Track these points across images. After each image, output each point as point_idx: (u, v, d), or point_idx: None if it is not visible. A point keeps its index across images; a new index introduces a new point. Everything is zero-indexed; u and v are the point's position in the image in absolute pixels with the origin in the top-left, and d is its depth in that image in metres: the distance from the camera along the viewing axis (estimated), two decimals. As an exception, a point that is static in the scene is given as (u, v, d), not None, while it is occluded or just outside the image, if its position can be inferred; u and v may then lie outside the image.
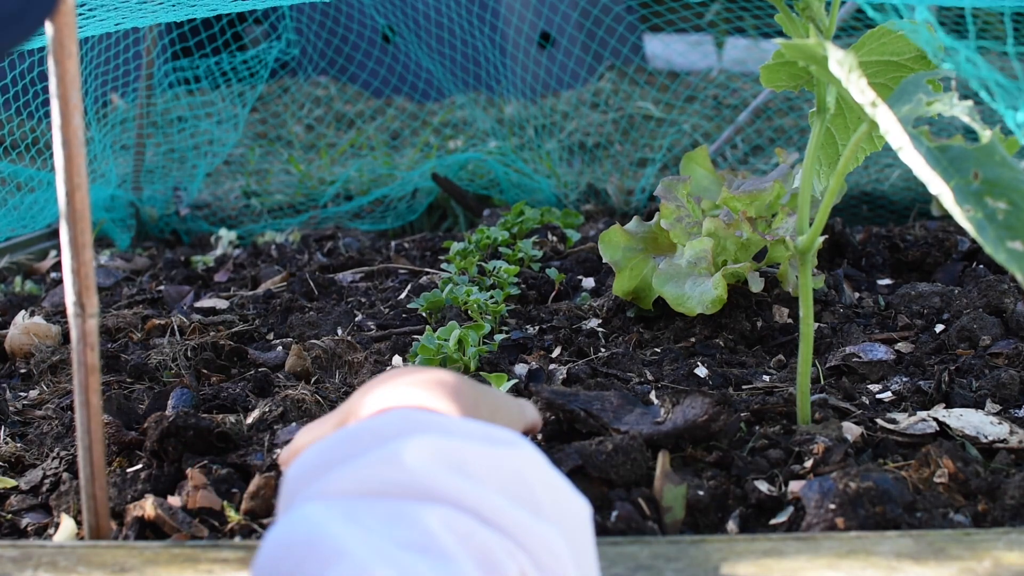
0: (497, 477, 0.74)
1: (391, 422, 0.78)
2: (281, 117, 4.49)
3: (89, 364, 1.01)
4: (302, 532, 0.66)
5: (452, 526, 0.68)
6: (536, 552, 0.70)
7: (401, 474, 0.71)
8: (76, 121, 0.93)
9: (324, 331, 1.81)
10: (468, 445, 0.75)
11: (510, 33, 4.62)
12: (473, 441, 0.76)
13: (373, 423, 0.78)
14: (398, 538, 0.65)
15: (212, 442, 1.28)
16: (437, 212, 3.23)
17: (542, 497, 0.75)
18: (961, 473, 1.13)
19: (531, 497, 0.74)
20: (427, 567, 0.64)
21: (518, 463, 0.76)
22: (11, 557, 0.96)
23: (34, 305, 2.12)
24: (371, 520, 0.67)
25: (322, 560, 0.63)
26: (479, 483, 0.72)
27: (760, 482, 1.15)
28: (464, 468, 0.73)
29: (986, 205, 0.87)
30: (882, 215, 2.99)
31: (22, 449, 1.38)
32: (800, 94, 3.54)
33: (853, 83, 0.97)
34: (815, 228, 1.22)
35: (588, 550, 0.78)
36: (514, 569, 0.67)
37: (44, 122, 2.71)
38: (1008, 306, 1.68)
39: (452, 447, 0.74)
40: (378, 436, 0.76)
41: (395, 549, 0.64)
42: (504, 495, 0.73)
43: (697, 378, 1.49)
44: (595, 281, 2.02)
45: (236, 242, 2.92)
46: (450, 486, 0.71)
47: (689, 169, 1.84)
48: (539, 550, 0.70)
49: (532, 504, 0.74)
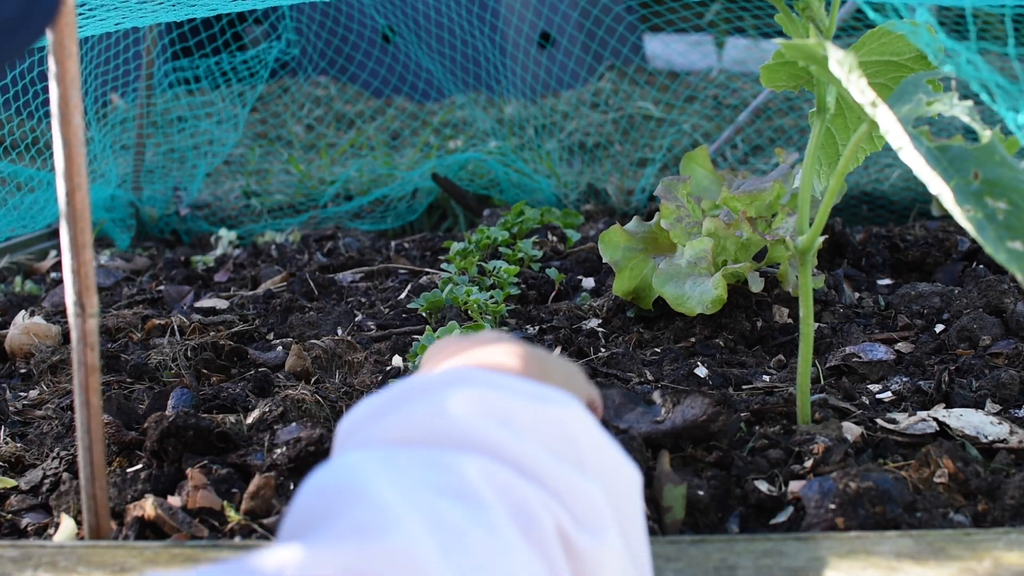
0: (541, 432, 0.73)
1: (443, 376, 0.78)
2: (281, 117, 4.49)
3: (89, 364, 1.01)
4: (336, 475, 0.66)
5: (489, 475, 0.67)
6: (575, 506, 0.69)
7: (444, 422, 0.71)
8: (76, 121, 0.93)
9: (324, 331, 1.81)
10: (515, 399, 0.75)
11: (510, 33, 4.62)
12: (520, 396, 0.76)
13: (426, 377, 0.78)
14: (432, 483, 0.65)
15: (212, 442, 1.28)
16: (437, 212, 3.23)
17: (588, 456, 0.74)
18: (961, 473, 1.13)
19: (575, 455, 0.74)
20: (459, 512, 0.63)
21: (565, 420, 0.75)
22: (11, 557, 0.96)
23: (34, 305, 2.12)
24: (408, 465, 0.67)
25: (347, 499, 0.63)
26: (521, 435, 0.72)
27: (760, 482, 1.15)
28: (508, 420, 0.73)
29: (986, 205, 0.87)
30: (882, 215, 2.99)
31: (22, 449, 1.38)
32: (800, 94, 3.54)
33: (853, 83, 0.97)
34: (815, 228, 1.22)
35: (636, 518, 0.77)
36: (550, 522, 0.67)
37: (44, 122, 2.71)
38: (1008, 306, 1.68)
39: (498, 399, 0.74)
40: (428, 389, 0.76)
41: (427, 493, 0.64)
42: (547, 450, 0.72)
43: (697, 378, 1.49)
44: (595, 281, 2.02)
45: (236, 242, 2.92)
46: (492, 436, 0.70)
47: (689, 169, 1.84)
48: (578, 504, 0.69)
49: (576, 462, 0.73)
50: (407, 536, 0.59)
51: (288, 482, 1.18)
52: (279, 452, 1.24)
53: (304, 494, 0.66)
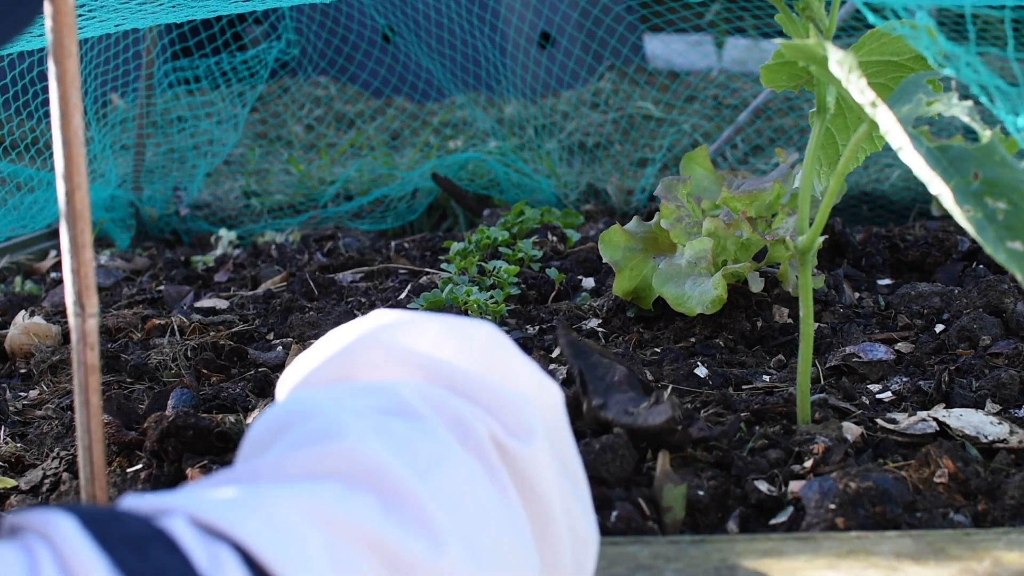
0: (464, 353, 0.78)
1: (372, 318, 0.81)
2: (281, 117, 4.49)
3: (89, 364, 1.01)
4: (286, 404, 0.71)
5: (424, 394, 0.72)
6: (503, 415, 0.73)
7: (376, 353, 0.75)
8: (76, 121, 0.93)
9: (324, 331, 1.80)
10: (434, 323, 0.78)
11: (510, 33, 4.62)
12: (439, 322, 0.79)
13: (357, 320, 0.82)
14: (373, 404, 0.70)
15: (212, 442, 1.28)
16: (437, 212, 3.23)
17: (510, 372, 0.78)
18: (961, 473, 1.13)
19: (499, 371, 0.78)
20: (401, 424, 0.68)
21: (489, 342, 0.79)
22: (11, 557, 0.96)
23: (34, 305, 2.12)
24: (348, 394, 0.71)
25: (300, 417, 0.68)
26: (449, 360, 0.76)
27: (760, 482, 1.15)
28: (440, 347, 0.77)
29: (986, 205, 0.87)
30: (882, 215, 2.99)
31: (22, 449, 1.38)
32: (800, 94, 3.54)
33: (853, 83, 0.97)
34: (815, 228, 1.22)
35: (562, 432, 0.80)
36: (483, 431, 0.71)
37: (44, 122, 2.71)
38: (1008, 306, 1.68)
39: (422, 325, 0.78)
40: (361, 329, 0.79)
41: (371, 412, 0.69)
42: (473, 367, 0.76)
43: (697, 378, 1.48)
44: (595, 281, 2.02)
45: (236, 242, 2.92)
46: (422, 362, 0.75)
47: (689, 169, 1.84)
48: (505, 412, 0.73)
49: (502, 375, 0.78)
50: (360, 437, 0.64)
51: (288, 482, 1.18)
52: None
53: (257, 425, 0.71)
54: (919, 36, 1.00)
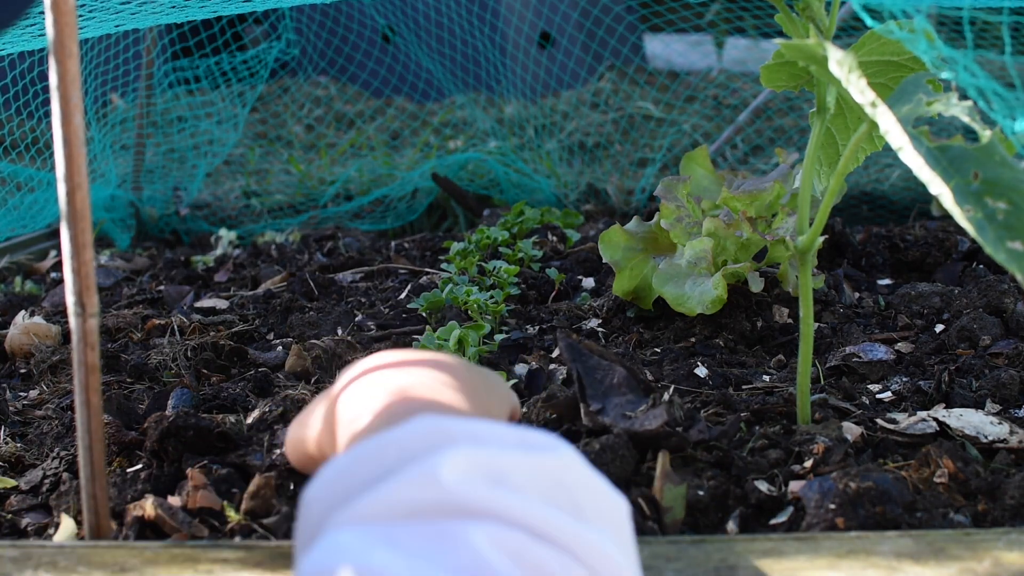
0: (538, 485, 0.69)
1: (417, 434, 0.73)
2: (281, 117, 4.49)
3: (89, 364, 1.01)
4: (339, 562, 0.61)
5: (501, 543, 0.63)
6: (590, 560, 0.66)
7: (439, 493, 0.66)
8: (76, 121, 0.93)
9: (324, 331, 1.81)
10: (504, 454, 0.70)
11: (510, 33, 4.62)
12: (508, 448, 0.71)
13: (397, 435, 0.73)
14: (445, 563, 0.61)
15: (212, 442, 1.28)
16: (437, 212, 3.23)
17: (583, 500, 0.71)
18: (961, 473, 1.13)
19: (572, 502, 0.70)
20: None
21: (557, 468, 0.72)
22: (11, 557, 0.96)
23: (34, 305, 2.12)
24: (414, 545, 0.62)
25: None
26: (522, 494, 0.67)
27: (760, 482, 1.15)
28: (504, 479, 0.68)
29: (986, 205, 0.87)
30: (882, 215, 2.99)
31: (22, 449, 1.38)
32: (800, 94, 3.54)
33: (853, 83, 0.97)
34: (815, 228, 1.22)
35: (631, 548, 0.75)
36: None
37: (44, 122, 2.71)
38: (1008, 306, 1.68)
39: (489, 458, 0.70)
40: (406, 451, 0.71)
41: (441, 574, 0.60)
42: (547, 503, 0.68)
43: (697, 378, 1.49)
44: (595, 281, 2.02)
45: (236, 242, 2.92)
46: (493, 500, 0.66)
47: (689, 169, 1.84)
48: (593, 557, 0.66)
49: (574, 509, 0.70)
50: None
51: (288, 482, 1.18)
52: (279, 452, 1.24)
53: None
54: (917, 40, 1.00)
